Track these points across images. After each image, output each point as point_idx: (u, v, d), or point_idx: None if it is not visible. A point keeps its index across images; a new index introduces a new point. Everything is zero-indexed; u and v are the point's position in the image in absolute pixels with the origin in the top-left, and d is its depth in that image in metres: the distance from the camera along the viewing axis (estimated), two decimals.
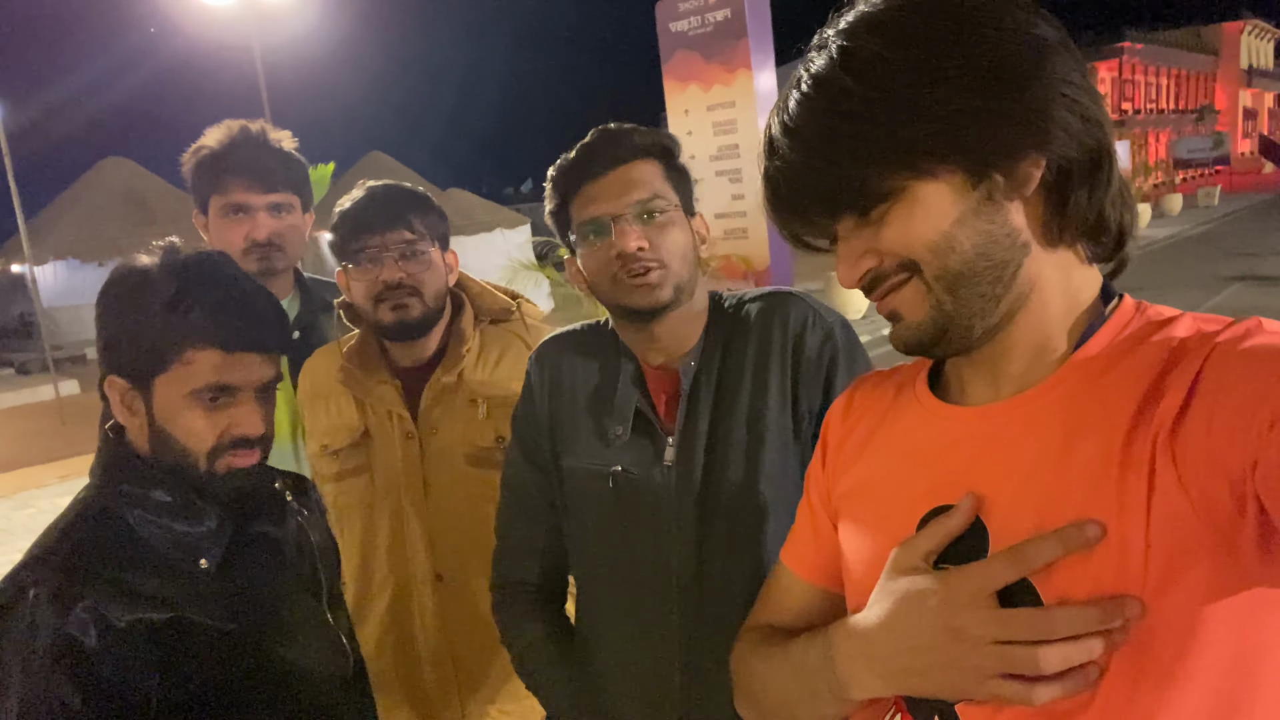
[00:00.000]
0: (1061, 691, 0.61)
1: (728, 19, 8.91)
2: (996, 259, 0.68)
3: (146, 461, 1.12)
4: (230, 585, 1.13)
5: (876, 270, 0.72)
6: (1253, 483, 0.56)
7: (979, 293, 0.69)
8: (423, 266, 1.62)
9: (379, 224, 1.59)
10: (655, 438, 1.26)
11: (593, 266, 1.25)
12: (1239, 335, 0.61)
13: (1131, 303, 0.72)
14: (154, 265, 1.11)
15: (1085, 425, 0.65)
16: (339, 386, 1.69)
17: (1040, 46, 0.66)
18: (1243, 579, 0.58)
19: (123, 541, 1.08)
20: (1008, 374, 0.73)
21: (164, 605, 1.06)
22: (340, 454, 1.70)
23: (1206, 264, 13.90)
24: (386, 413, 1.67)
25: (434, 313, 1.66)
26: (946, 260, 0.68)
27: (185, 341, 1.07)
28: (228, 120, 1.87)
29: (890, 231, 0.69)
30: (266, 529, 1.21)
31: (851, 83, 0.66)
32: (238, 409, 1.10)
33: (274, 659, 1.16)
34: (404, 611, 1.69)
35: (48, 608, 0.98)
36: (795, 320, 1.26)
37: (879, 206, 0.69)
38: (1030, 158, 0.66)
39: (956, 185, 0.67)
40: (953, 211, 0.67)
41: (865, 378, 0.92)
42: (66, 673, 0.97)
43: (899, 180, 0.67)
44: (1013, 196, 0.68)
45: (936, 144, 0.65)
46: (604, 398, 1.32)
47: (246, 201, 1.84)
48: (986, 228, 0.68)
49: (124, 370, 1.10)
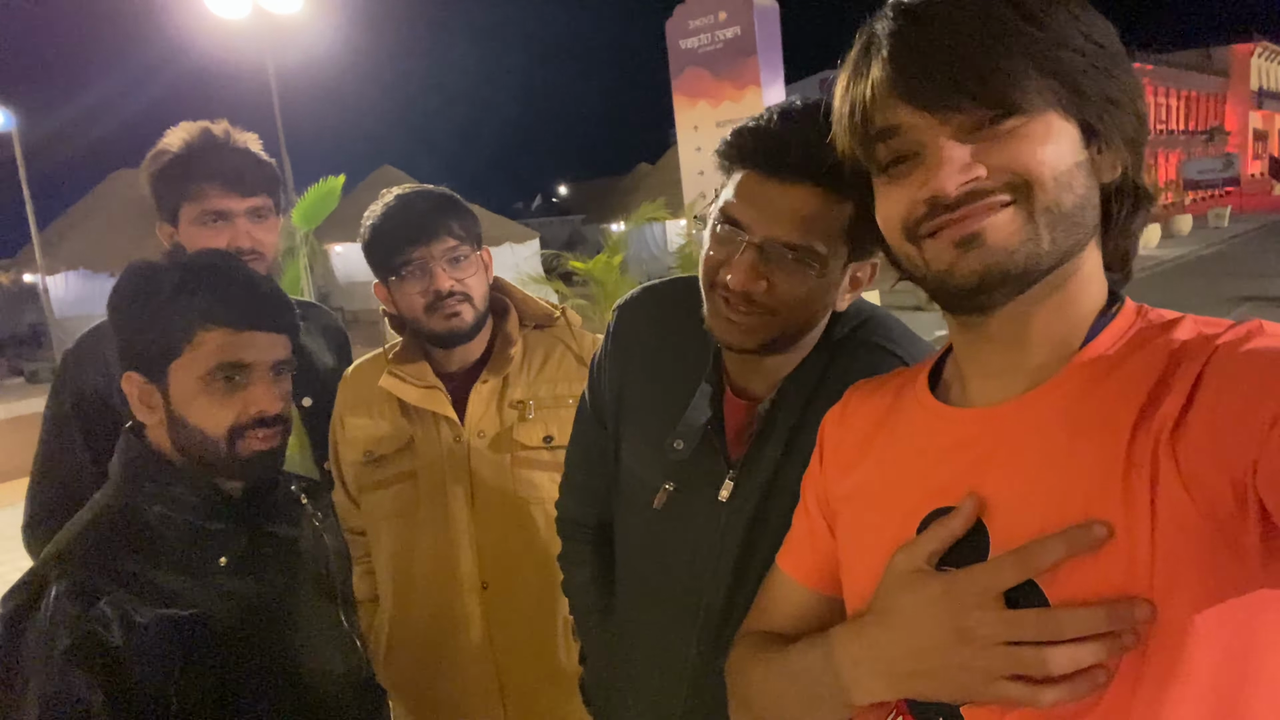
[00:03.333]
0: (1069, 694, 0.61)
1: (737, 36, 8.96)
2: (1087, 221, 0.68)
3: (167, 459, 1.13)
4: (248, 584, 1.14)
5: (980, 183, 0.66)
6: (1254, 482, 0.56)
7: (1065, 246, 0.67)
8: (470, 271, 1.62)
9: (422, 234, 1.57)
10: (715, 466, 1.16)
11: (706, 261, 1.08)
12: (1240, 337, 0.62)
13: (1133, 305, 0.72)
14: (158, 262, 1.15)
15: (1088, 427, 0.65)
16: (383, 394, 1.68)
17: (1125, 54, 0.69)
18: (1245, 579, 0.58)
19: (143, 539, 1.09)
20: (1023, 366, 0.72)
21: (184, 602, 1.07)
22: (385, 461, 1.69)
23: (1216, 284, 13.85)
24: (433, 417, 1.67)
25: (483, 316, 1.66)
26: (1063, 195, 0.66)
27: (194, 324, 1.10)
28: (185, 122, 1.75)
29: (1019, 146, 0.65)
30: (283, 530, 1.23)
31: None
32: (253, 388, 1.12)
33: (289, 658, 1.17)
34: (448, 621, 1.67)
35: (69, 603, 0.99)
36: None
37: (1017, 115, 0.65)
38: (1120, 149, 0.68)
39: (1077, 134, 0.67)
40: (1075, 154, 0.66)
41: (863, 382, 0.91)
42: (88, 668, 0.98)
43: (1045, 99, 0.65)
44: (1103, 175, 0.69)
45: (1082, 83, 0.65)
46: (676, 401, 1.18)
47: (226, 208, 1.70)
48: (1089, 186, 0.68)
49: (139, 363, 1.12)
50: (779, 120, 1.00)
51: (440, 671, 1.70)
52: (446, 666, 1.69)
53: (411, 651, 1.72)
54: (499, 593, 1.66)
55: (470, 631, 1.66)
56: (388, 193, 1.68)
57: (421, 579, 1.67)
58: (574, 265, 9.63)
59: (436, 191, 1.67)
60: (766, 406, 1.14)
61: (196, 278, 1.11)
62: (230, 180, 1.70)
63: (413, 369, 1.68)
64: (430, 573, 1.67)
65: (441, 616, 1.67)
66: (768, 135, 1.00)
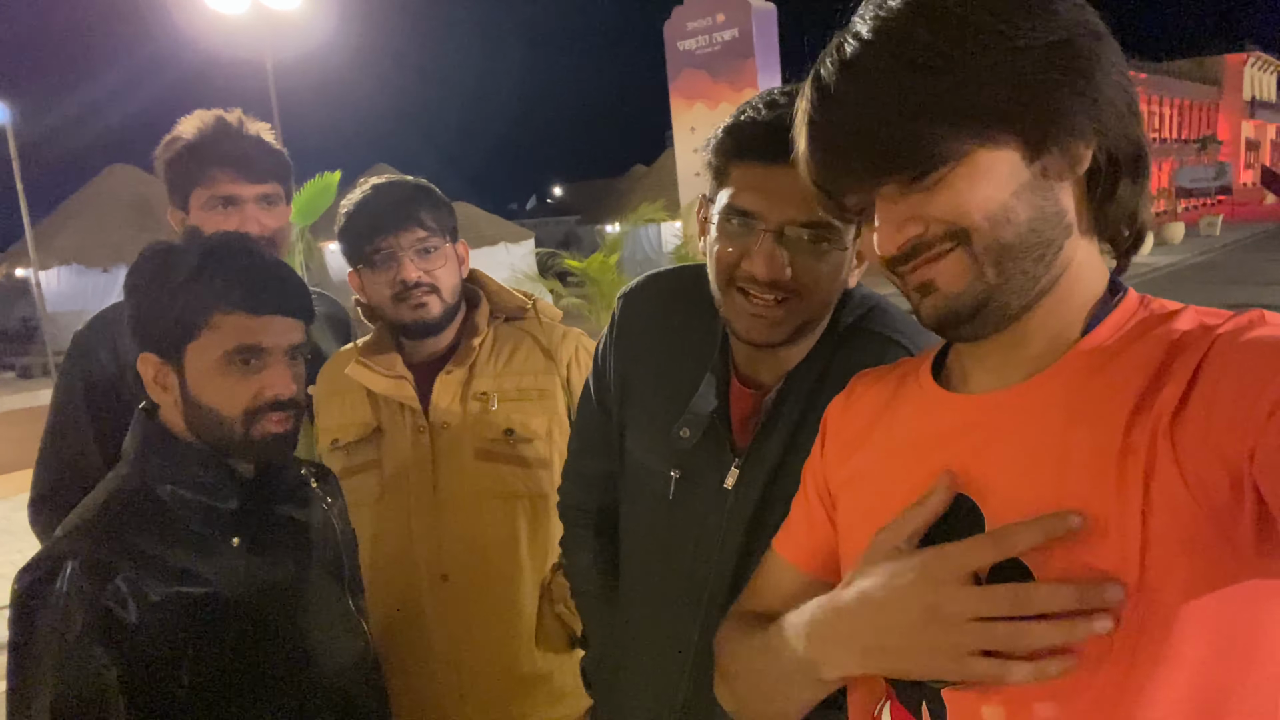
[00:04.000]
0: (1036, 673, 0.62)
1: (735, 38, 8.99)
2: (1045, 236, 0.68)
3: (180, 439, 1.14)
4: (260, 565, 1.15)
5: (920, 238, 0.68)
6: (1251, 471, 0.56)
7: (1023, 269, 0.67)
8: (439, 263, 1.63)
9: (391, 223, 1.59)
10: (721, 454, 1.17)
11: (718, 255, 1.07)
12: (1241, 327, 0.62)
13: (1135, 296, 0.72)
14: (175, 244, 1.16)
15: (1086, 414, 0.66)
16: (353, 383, 1.69)
17: (1097, 31, 0.67)
18: (1239, 568, 0.59)
19: (157, 517, 1.10)
20: (1019, 359, 0.72)
21: (197, 580, 1.08)
22: (350, 448, 1.69)
23: (1208, 292, 13.91)
24: (399, 406, 1.68)
25: (452, 308, 1.67)
26: (1000, 231, 0.66)
27: (212, 307, 1.10)
28: (199, 110, 1.77)
29: (946, 197, 0.66)
30: (294, 512, 1.24)
31: (927, 34, 0.64)
32: (268, 371, 1.13)
33: (298, 639, 1.18)
34: (410, 612, 1.68)
35: (85, 580, 1.00)
36: None
37: (940, 169, 0.65)
38: (1085, 138, 0.66)
39: (1016, 156, 0.66)
40: (1012, 182, 0.66)
41: (867, 370, 0.92)
42: (103, 644, 0.99)
43: (965, 144, 0.65)
44: (1065, 176, 0.68)
45: (1009, 110, 0.64)
46: (681, 389, 1.19)
47: (235, 193, 1.71)
48: (1040, 203, 0.67)
49: (156, 344, 1.13)
50: (766, 109, 1.02)
51: (400, 662, 1.69)
52: (406, 657, 1.69)
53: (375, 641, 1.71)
54: (459, 584, 1.66)
55: (430, 623, 1.66)
56: (364, 181, 1.69)
57: (383, 568, 1.67)
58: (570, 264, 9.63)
59: (410, 182, 1.67)
60: (773, 397, 1.15)
61: (214, 260, 1.12)
62: (241, 166, 1.72)
63: (382, 359, 1.68)
64: (391, 562, 1.67)
65: (402, 607, 1.68)
66: (762, 125, 1.01)
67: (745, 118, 1.05)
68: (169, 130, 1.77)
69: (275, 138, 1.82)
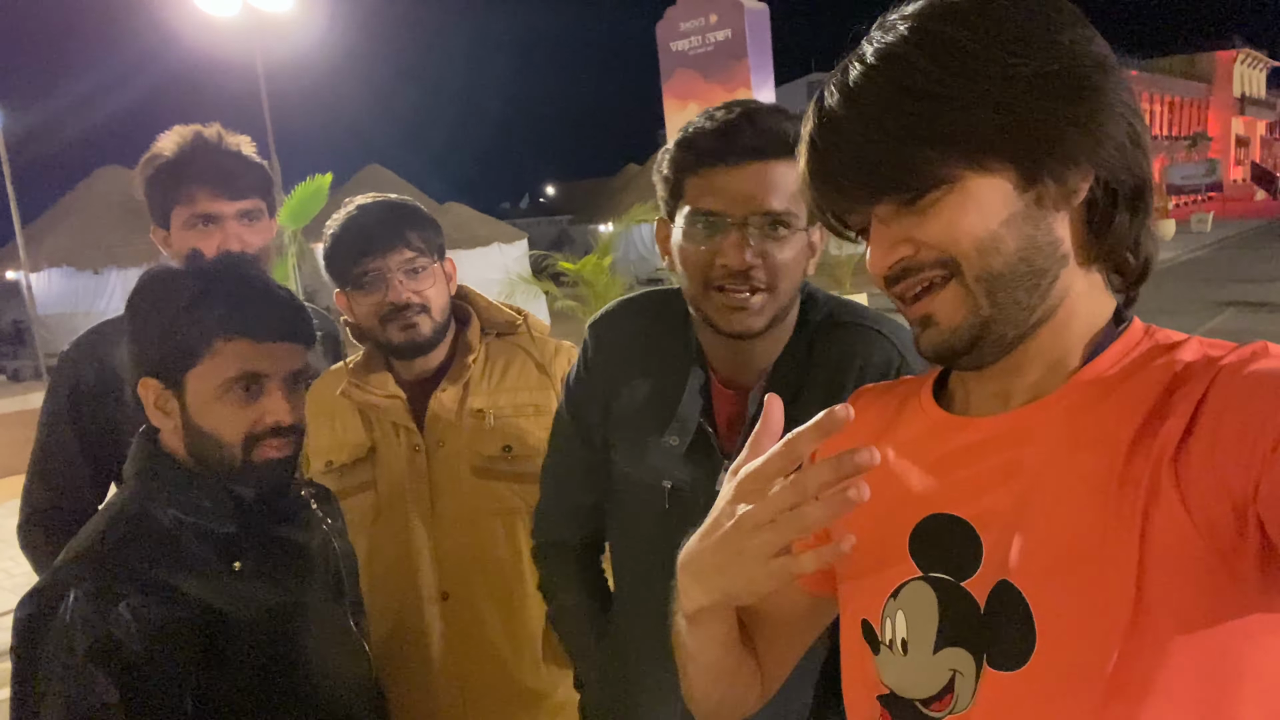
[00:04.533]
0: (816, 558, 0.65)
1: (728, 39, 8.99)
2: (1037, 266, 0.68)
3: (181, 464, 1.14)
4: (262, 588, 1.15)
5: (910, 260, 0.70)
6: (1255, 505, 0.56)
7: (1016, 299, 0.68)
8: (428, 283, 1.61)
9: (378, 245, 1.57)
10: (711, 458, 1.20)
11: (691, 262, 1.13)
12: (1244, 359, 0.62)
13: (1141, 325, 0.72)
14: (178, 269, 1.16)
15: (1087, 441, 0.66)
16: (344, 404, 1.68)
17: (1102, 64, 0.67)
18: (1240, 602, 0.59)
19: (159, 542, 1.10)
20: (1019, 386, 0.73)
21: (201, 604, 1.08)
22: (345, 470, 1.68)
23: (1200, 289, 13.97)
24: (392, 426, 1.67)
25: (442, 326, 1.65)
26: (990, 260, 0.67)
27: (214, 333, 1.10)
28: (178, 126, 1.75)
29: (936, 223, 0.67)
30: (294, 534, 1.24)
31: (925, 62, 0.65)
32: (268, 398, 1.13)
33: (302, 661, 1.18)
34: (410, 631, 1.67)
35: (89, 606, 1.00)
36: (879, 362, 1.17)
37: (930, 193, 0.67)
38: (1082, 169, 0.67)
39: (1009, 185, 0.66)
40: (1003, 211, 0.66)
41: (868, 388, 0.92)
42: (107, 672, 0.99)
43: (956, 169, 0.66)
44: (1060, 206, 0.68)
45: (1001, 138, 0.65)
46: (665, 399, 1.23)
47: (215, 210, 1.69)
48: (1031, 233, 0.67)
49: (156, 369, 1.13)
50: (710, 121, 1.12)
51: (402, 683, 1.67)
52: (408, 678, 1.67)
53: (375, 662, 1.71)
54: (460, 602, 1.65)
55: (431, 642, 1.65)
56: (350, 202, 1.67)
57: (382, 589, 1.66)
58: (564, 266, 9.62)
59: (397, 202, 1.66)
60: (756, 393, 1.17)
61: (217, 286, 1.12)
62: (220, 183, 1.70)
63: (374, 379, 1.67)
64: (391, 583, 1.66)
65: (403, 627, 1.67)
66: (711, 133, 1.11)
67: (693, 130, 1.13)
68: (160, 131, 1.75)
69: (268, 142, 1.82)
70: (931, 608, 0.71)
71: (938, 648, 0.71)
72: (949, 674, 0.70)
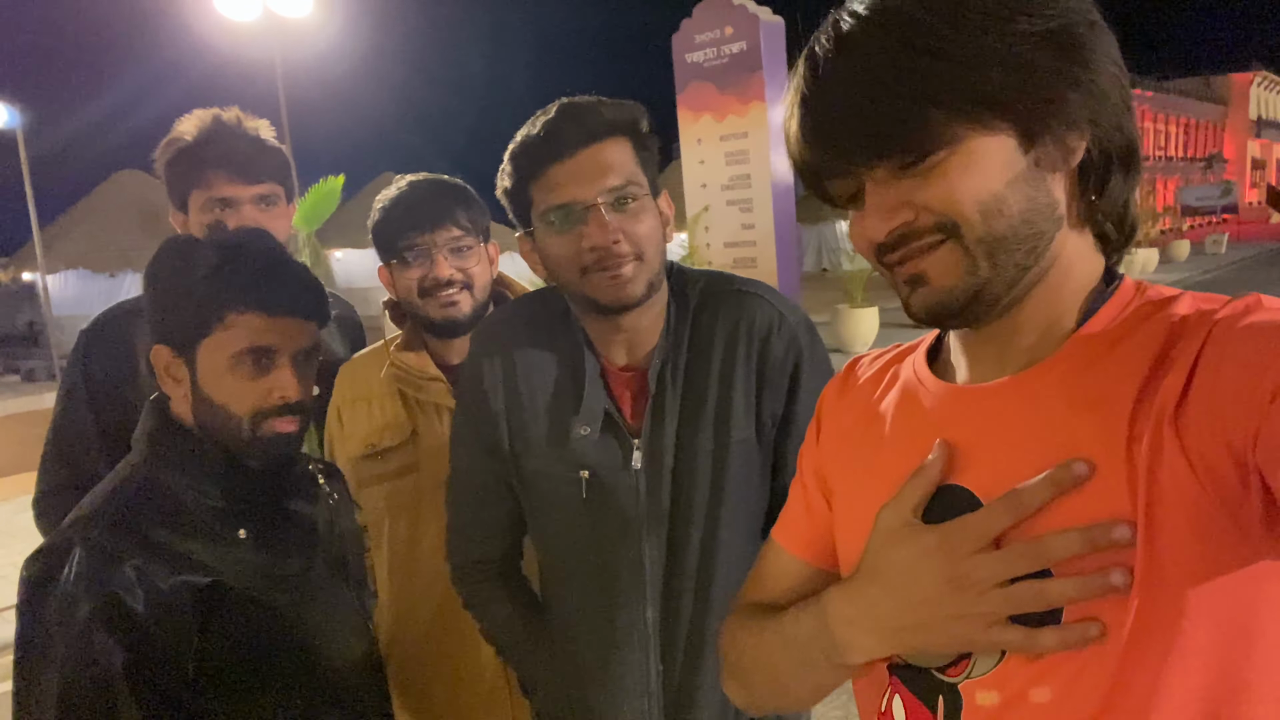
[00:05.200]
0: (1061, 640, 0.62)
1: (743, 51, 9.02)
2: (1036, 228, 0.67)
3: (190, 432, 1.15)
4: (266, 557, 1.16)
5: (909, 226, 0.67)
6: (1255, 456, 0.56)
7: (1014, 261, 0.67)
8: (473, 261, 1.62)
9: (427, 220, 1.59)
10: (621, 440, 1.25)
11: (559, 255, 1.19)
12: (1239, 311, 0.62)
13: (1131, 283, 0.72)
14: (198, 239, 1.17)
15: (1087, 402, 0.66)
16: (383, 387, 1.68)
17: (1095, 23, 0.66)
18: (1248, 553, 0.59)
19: (166, 507, 1.10)
20: (1015, 350, 0.72)
21: (205, 570, 1.08)
22: (387, 454, 1.68)
23: None
24: (435, 408, 1.67)
25: (481, 306, 1.66)
26: (993, 223, 0.65)
27: (227, 305, 1.11)
28: (198, 110, 1.76)
29: (940, 185, 0.65)
30: (301, 507, 1.25)
31: (927, 16, 0.63)
32: (279, 373, 1.13)
33: (303, 632, 1.18)
34: (452, 616, 1.64)
35: (93, 567, 1.00)
36: (761, 323, 1.24)
37: (934, 155, 0.64)
38: (1079, 130, 0.66)
39: (1011, 145, 0.65)
40: (1006, 172, 0.65)
41: (861, 357, 0.91)
42: (109, 631, 0.99)
43: (960, 129, 0.64)
44: (1058, 168, 0.67)
45: (1007, 97, 0.63)
46: (566, 394, 1.27)
47: (232, 195, 1.70)
48: (1032, 194, 0.66)
49: (169, 337, 1.14)
50: (534, 128, 1.18)
51: (443, 669, 1.68)
52: (449, 663, 1.67)
53: (412, 647, 1.70)
54: None
55: (474, 626, 1.65)
56: (401, 178, 1.68)
57: (424, 574, 1.66)
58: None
59: (448, 181, 1.67)
60: (657, 366, 1.24)
61: (234, 258, 1.12)
62: (237, 167, 1.70)
63: (415, 361, 1.68)
64: (433, 567, 1.64)
65: (445, 611, 1.66)
66: (537, 136, 1.17)
67: (522, 140, 1.19)
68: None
69: (286, 147, 1.82)
70: None
71: None
72: None
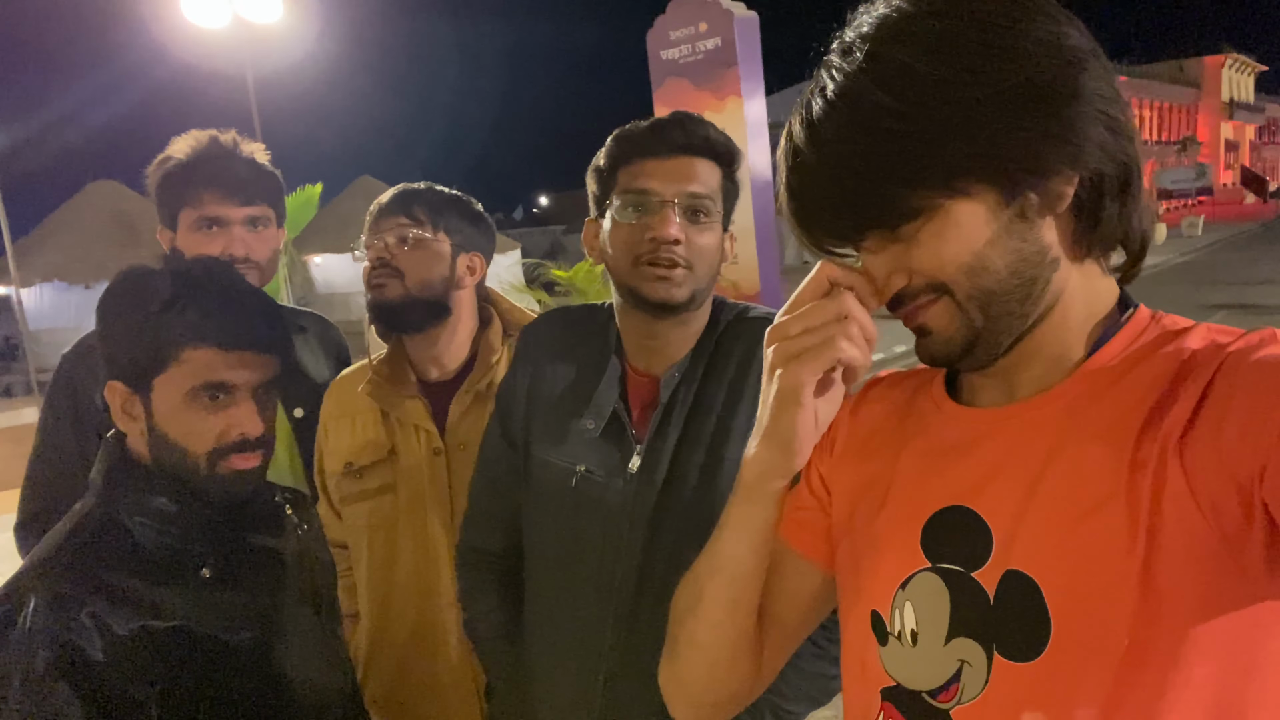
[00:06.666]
0: None
1: (718, 47, 9.00)
2: (1027, 276, 0.68)
3: (148, 469, 1.11)
4: (231, 596, 1.12)
5: (905, 289, 0.71)
6: (1260, 491, 0.56)
7: (1009, 310, 0.69)
8: (408, 249, 1.60)
9: (384, 214, 1.64)
10: (624, 443, 1.27)
11: (621, 240, 1.24)
12: (1251, 345, 0.61)
13: (1147, 312, 0.72)
14: (153, 270, 1.13)
15: (1096, 429, 0.66)
16: (365, 404, 1.67)
17: (1074, 59, 0.64)
18: (1248, 589, 0.58)
19: (124, 549, 1.07)
20: (1023, 379, 0.73)
21: (166, 614, 1.05)
22: (364, 472, 1.66)
23: (1192, 292, 14.03)
24: (413, 428, 1.65)
25: (417, 300, 1.61)
26: (979, 280, 0.67)
27: (182, 340, 1.07)
28: (194, 130, 1.76)
29: (925, 250, 0.68)
30: (266, 541, 1.21)
31: (883, 95, 0.63)
32: (237, 409, 1.10)
33: (273, 671, 1.15)
34: (428, 635, 1.65)
35: (49, 615, 0.97)
36: None
37: (910, 224, 0.67)
38: (1064, 175, 0.65)
39: (990, 204, 0.65)
40: (986, 231, 0.66)
41: (880, 376, 0.91)
42: (68, 681, 0.96)
43: (932, 199, 0.65)
44: (1045, 214, 0.67)
45: (974, 163, 0.63)
46: (583, 390, 1.32)
47: (222, 215, 1.71)
48: (1019, 246, 0.66)
49: (123, 373, 1.10)
50: (645, 122, 1.26)
51: (420, 688, 1.66)
52: (426, 682, 1.66)
53: (390, 667, 1.69)
54: None
55: (450, 647, 1.63)
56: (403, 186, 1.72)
57: (401, 593, 1.65)
58: (556, 274, 9.63)
59: (435, 189, 1.69)
60: (673, 377, 1.27)
61: (188, 291, 1.09)
62: (229, 188, 1.71)
63: (396, 378, 1.67)
64: (410, 586, 1.65)
65: (421, 631, 1.65)
66: (643, 129, 1.25)
67: (628, 128, 1.27)
68: (151, 145, 1.77)
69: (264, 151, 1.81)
70: (942, 598, 0.71)
71: (949, 638, 0.70)
72: (957, 665, 0.69)
